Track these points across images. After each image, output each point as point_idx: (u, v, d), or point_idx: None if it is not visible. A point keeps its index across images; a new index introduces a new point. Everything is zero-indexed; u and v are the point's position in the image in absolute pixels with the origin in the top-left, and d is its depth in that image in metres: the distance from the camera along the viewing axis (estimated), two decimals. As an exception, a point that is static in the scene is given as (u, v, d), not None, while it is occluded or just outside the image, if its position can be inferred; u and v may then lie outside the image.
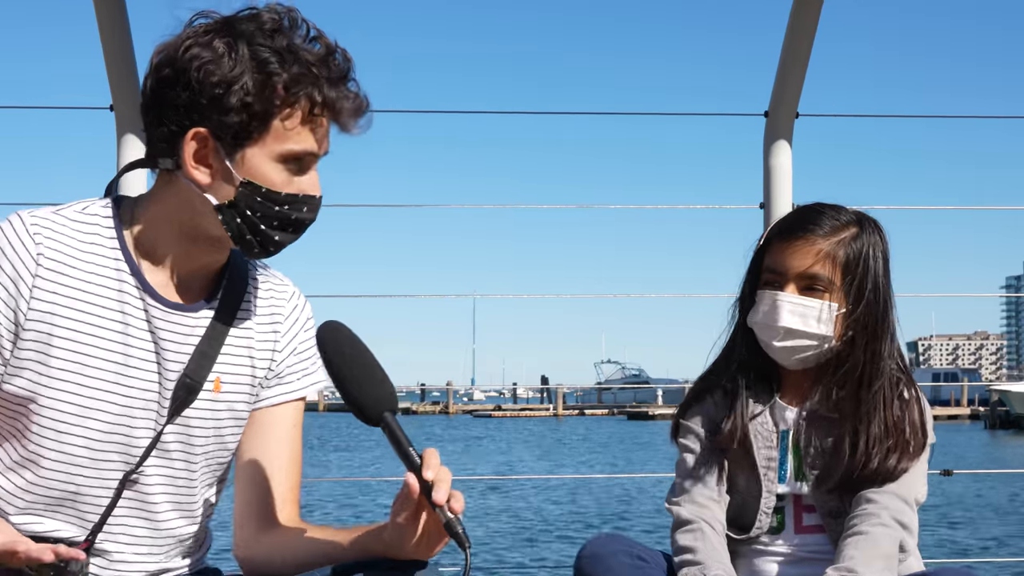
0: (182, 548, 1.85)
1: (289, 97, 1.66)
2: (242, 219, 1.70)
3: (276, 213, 1.70)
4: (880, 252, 2.13)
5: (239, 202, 1.69)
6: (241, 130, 1.66)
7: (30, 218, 1.70)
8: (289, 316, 1.89)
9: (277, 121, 1.67)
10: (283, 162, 1.69)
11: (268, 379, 1.87)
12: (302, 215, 1.72)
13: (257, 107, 1.65)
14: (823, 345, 2.11)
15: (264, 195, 1.69)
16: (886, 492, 2.05)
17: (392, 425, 1.64)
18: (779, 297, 2.11)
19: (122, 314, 1.72)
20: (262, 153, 1.68)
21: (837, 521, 2.09)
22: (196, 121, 1.66)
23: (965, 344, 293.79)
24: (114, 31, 2.67)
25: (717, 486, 2.14)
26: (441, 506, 1.59)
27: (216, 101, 1.64)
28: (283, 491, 1.86)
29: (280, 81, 1.65)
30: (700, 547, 2.06)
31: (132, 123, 2.70)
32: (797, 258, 2.11)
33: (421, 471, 1.60)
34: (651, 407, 73.72)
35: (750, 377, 2.16)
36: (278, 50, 1.66)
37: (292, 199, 1.70)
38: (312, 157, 1.72)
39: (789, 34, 2.79)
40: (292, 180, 1.70)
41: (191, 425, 1.78)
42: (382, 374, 1.67)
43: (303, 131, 1.68)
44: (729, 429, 2.13)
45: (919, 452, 2.10)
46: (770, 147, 2.90)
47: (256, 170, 1.68)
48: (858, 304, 2.10)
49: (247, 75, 1.64)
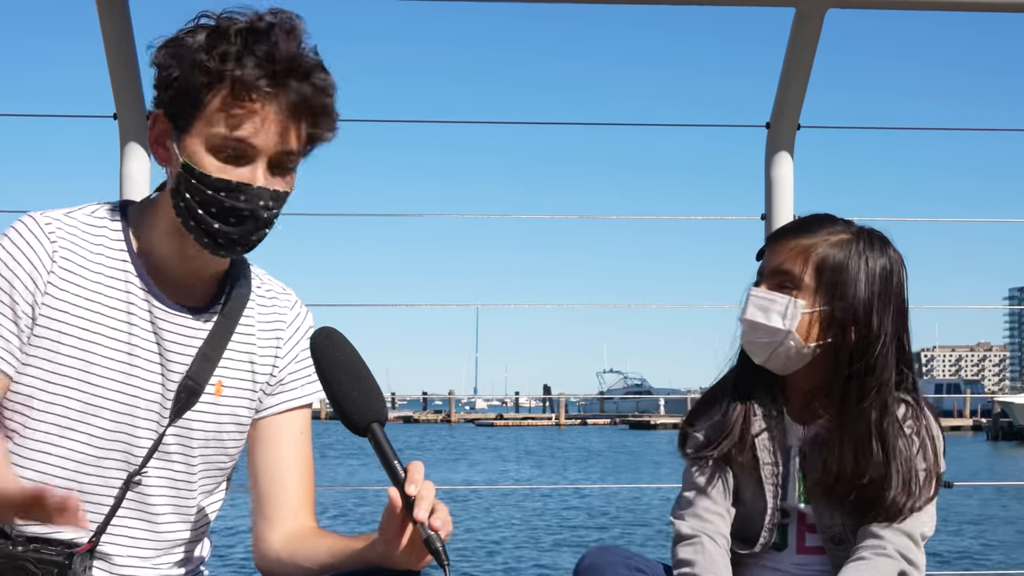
0: (180, 554, 1.85)
1: (216, 74, 1.65)
2: (184, 203, 1.70)
3: (211, 198, 1.68)
4: (877, 268, 2.06)
5: (180, 184, 1.70)
6: (178, 109, 1.68)
7: (43, 218, 1.73)
8: (291, 324, 1.91)
9: (208, 101, 1.66)
10: (214, 150, 1.68)
11: (271, 386, 1.88)
12: (238, 203, 1.68)
13: (186, 82, 1.66)
14: (784, 341, 2.06)
15: (197, 177, 1.68)
16: (892, 528, 2.02)
17: (379, 436, 1.62)
18: (749, 292, 2.10)
19: (128, 314, 1.74)
20: (199, 138, 1.68)
21: (839, 548, 2.07)
22: (156, 103, 1.72)
23: (968, 356, 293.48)
24: (118, 40, 2.67)
25: (723, 499, 2.12)
26: (421, 523, 1.56)
27: (161, 79, 1.69)
28: (296, 499, 1.87)
29: (213, 59, 1.64)
30: (699, 561, 2.05)
31: (135, 132, 2.72)
32: (774, 256, 2.11)
33: (404, 485, 1.58)
34: (653, 416, 73.73)
35: (759, 391, 2.14)
36: (228, 34, 1.66)
37: (224, 184, 1.68)
38: (248, 147, 1.68)
39: (791, 46, 2.79)
40: (226, 169, 1.68)
41: (192, 428, 1.79)
42: (372, 384, 1.65)
43: (231, 116, 1.65)
44: (736, 442, 2.11)
45: (928, 493, 2.04)
46: (771, 158, 2.90)
47: (193, 154, 1.69)
48: (836, 310, 2.04)
49: (191, 55, 1.66)
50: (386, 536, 1.63)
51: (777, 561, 2.13)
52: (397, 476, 1.59)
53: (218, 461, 1.85)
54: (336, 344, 1.67)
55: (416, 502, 1.56)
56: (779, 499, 2.11)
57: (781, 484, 2.11)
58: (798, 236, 2.10)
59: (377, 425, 1.62)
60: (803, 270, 2.06)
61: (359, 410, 1.63)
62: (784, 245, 2.10)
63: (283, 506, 1.86)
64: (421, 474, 1.59)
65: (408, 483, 1.58)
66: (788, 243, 2.10)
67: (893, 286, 2.08)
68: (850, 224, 2.13)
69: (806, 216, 2.19)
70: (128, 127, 2.73)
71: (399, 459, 1.61)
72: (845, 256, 2.06)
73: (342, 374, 1.64)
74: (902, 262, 2.11)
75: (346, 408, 1.63)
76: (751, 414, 2.13)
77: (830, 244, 2.07)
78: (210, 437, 1.82)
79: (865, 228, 2.12)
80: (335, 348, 1.67)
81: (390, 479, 1.60)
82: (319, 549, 1.80)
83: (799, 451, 2.12)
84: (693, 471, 2.17)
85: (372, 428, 1.62)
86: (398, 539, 1.62)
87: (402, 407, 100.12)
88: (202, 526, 1.88)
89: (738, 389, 2.15)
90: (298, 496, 1.87)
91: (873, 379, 2.05)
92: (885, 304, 2.06)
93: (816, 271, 2.06)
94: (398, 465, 1.60)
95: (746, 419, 2.12)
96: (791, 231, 2.13)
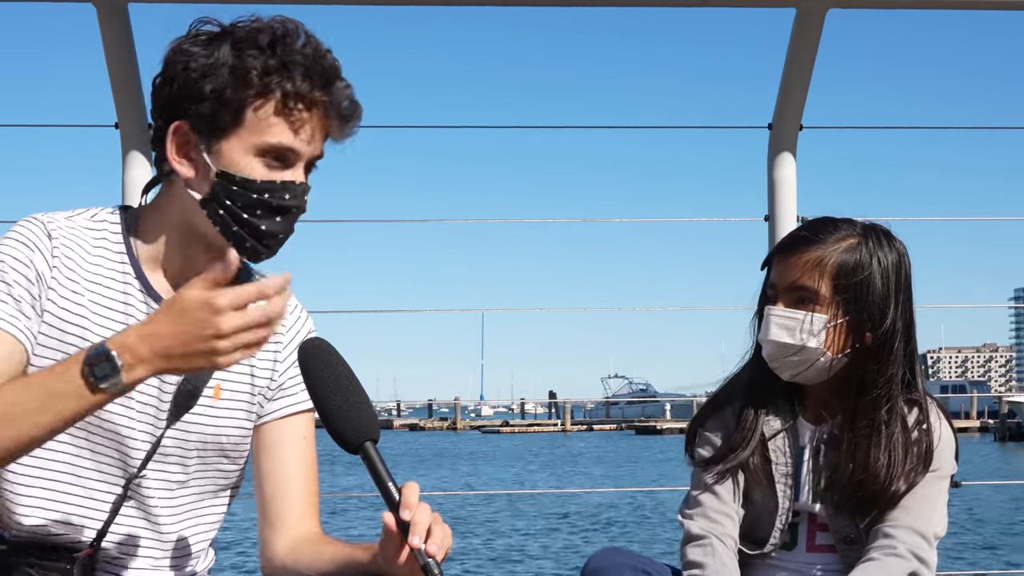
0: (183, 560, 1.85)
1: (262, 86, 1.66)
2: (224, 210, 1.70)
3: (256, 201, 1.69)
4: (889, 264, 2.08)
5: (218, 193, 1.70)
6: (216, 120, 1.68)
7: (45, 218, 1.75)
8: (291, 328, 1.91)
9: (251, 112, 1.67)
10: (260, 155, 1.69)
11: (271, 390, 1.88)
12: (284, 201, 1.71)
13: (229, 94, 1.66)
14: (817, 359, 2.07)
15: (239, 184, 1.69)
16: (903, 527, 2.02)
17: (372, 457, 1.55)
18: (768, 311, 2.09)
19: (125, 315, 1.74)
20: (239, 146, 1.69)
21: (851, 548, 2.07)
22: (177, 115, 1.70)
23: (974, 356, 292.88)
24: (119, 49, 2.68)
25: (732, 500, 2.11)
26: (417, 549, 1.51)
27: (192, 91, 1.68)
28: (300, 504, 1.87)
29: (254, 70, 1.66)
30: (709, 563, 2.04)
31: (137, 140, 2.72)
32: (787, 271, 2.09)
33: (399, 509, 1.53)
34: (659, 421, 73.57)
35: (775, 395, 2.13)
36: (259, 44, 1.67)
37: (270, 186, 1.70)
38: (292, 153, 1.70)
39: (792, 46, 2.79)
40: (271, 173, 1.70)
41: (189, 431, 1.79)
42: (364, 399, 1.59)
43: (279, 123, 1.68)
44: (747, 443, 2.10)
45: (922, 473, 2.05)
46: (774, 159, 2.90)
47: (233, 162, 1.69)
48: (855, 316, 2.06)
49: (224, 67, 1.67)
50: (386, 555, 1.61)
51: (786, 560, 2.12)
52: (392, 499, 1.54)
53: (218, 465, 1.85)
54: (324, 357, 1.61)
55: (411, 528, 1.51)
56: (791, 499, 2.11)
57: (793, 484, 2.11)
58: (809, 248, 2.08)
59: (370, 444, 1.56)
60: (820, 283, 2.06)
61: (350, 427, 1.56)
62: (797, 259, 2.09)
63: (287, 511, 1.86)
64: (416, 497, 1.54)
65: (402, 508, 1.53)
66: (800, 257, 2.08)
67: (903, 279, 2.10)
68: (854, 224, 2.13)
69: (809, 223, 2.18)
70: (129, 136, 2.73)
71: (393, 480, 1.56)
72: (858, 261, 2.06)
73: (330, 389, 1.58)
74: (906, 251, 2.12)
75: (336, 424, 1.56)
76: (765, 418, 2.12)
77: (842, 251, 2.07)
78: (208, 441, 1.82)
79: (869, 225, 2.13)
80: (322, 362, 1.60)
81: (384, 501, 1.55)
82: (322, 556, 1.79)
83: (812, 451, 2.12)
84: (702, 470, 2.15)
85: (365, 447, 1.55)
86: (397, 558, 1.59)
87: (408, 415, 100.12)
88: (204, 532, 1.87)
89: (753, 393, 2.14)
90: (302, 501, 1.87)
91: (883, 376, 2.06)
92: (897, 299, 2.08)
93: (833, 282, 2.06)
94: (392, 487, 1.54)
95: (760, 421, 2.12)
96: (800, 243, 2.11)
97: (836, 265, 2.06)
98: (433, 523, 1.54)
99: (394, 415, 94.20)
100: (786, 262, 2.10)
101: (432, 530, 1.53)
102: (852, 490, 2.05)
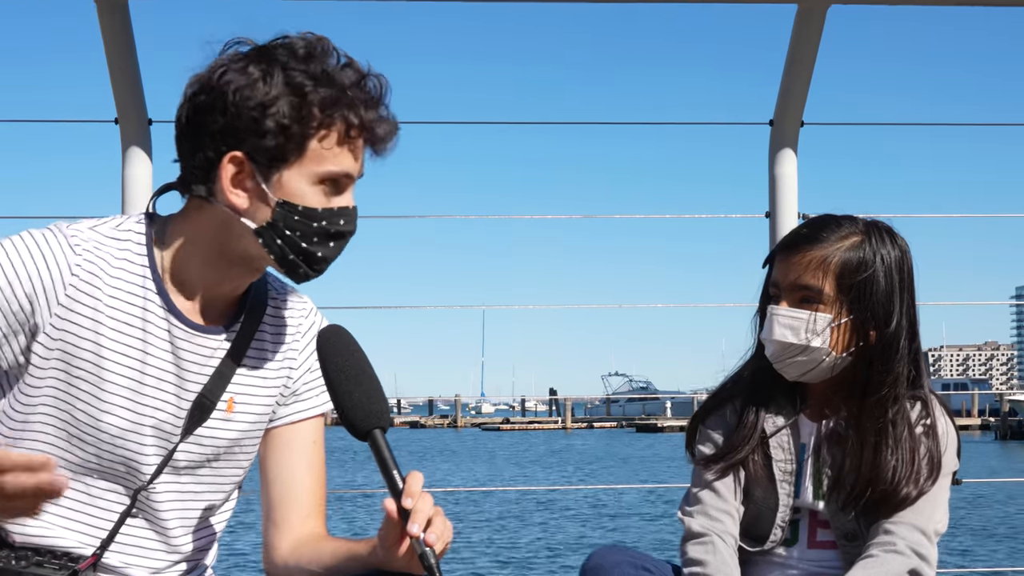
0: (189, 563, 1.85)
1: (325, 119, 1.68)
2: (282, 239, 1.71)
3: (315, 229, 1.71)
4: (893, 262, 2.07)
5: (277, 222, 1.70)
6: (278, 152, 1.68)
7: (70, 230, 1.73)
8: (307, 333, 1.91)
9: (314, 143, 1.69)
10: (320, 183, 1.71)
11: (285, 397, 1.89)
12: (341, 228, 1.73)
13: (294, 129, 1.67)
14: (822, 358, 2.07)
15: (301, 213, 1.70)
16: (903, 523, 2.02)
17: (380, 443, 1.59)
18: (772, 311, 2.09)
19: (143, 331, 1.74)
20: (300, 175, 1.70)
21: (852, 544, 2.07)
22: (233, 145, 1.68)
23: (976, 355, 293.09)
24: (119, 44, 2.68)
25: (732, 498, 2.11)
26: (416, 537, 1.54)
27: (253, 124, 1.66)
28: (306, 507, 1.87)
29: (316, 103, 1.67)
30: (710, 560, 2.04)
31: (137, 136, 2.72)
32: (790, 270, 2.09)
33: (401, 496, 1.56)
34: (660, 419, 73.70)
35: (777, 392, 2.13)
36: (313, 74, 1.68)
37: (329, 213, 1.72)
38: (348, 179, 1.73)
39: (793, 43, 2.79)
40: (329, 201, 1.72)
41: (203, 444, 1.80)
42: (376, 387, 1.62)
43: (340, 152, 1.70)
44: (748, 440, 2.10)
45: (931, 481, 2.04)
46: (775, 156, 2.90)
47: (294, 191, 1.70)
48: (860, 315, 2.06)
49: (283, 98, 1.67)
50: (385, 544, 1.62)
51: (787, 556, 2.12)
52: (395, 486, 1.56)
53: (229, 474, 1.86)
54: (342, 344, 1.66)
55: (411, 516, 1.54)
56: (792, 497, 2.10)
57: (794, 482, 2.11)
58: (812, 247, 2.08)
59: (379, 431, 1.59)
60: (824, 282, 2.06)
61: (361, 414, 1.60)
62: (800, 258, 2.08)
63: (293, 514, 1.87)
64: (419, 486, 1.56)
65: (405, 496, 1.55)
66: (803, 256, 2.08)
67: (906, 276, 2.10)
68: (856, 221, 2.12)
69: (812, 221, 2.17)
70: (129, 131, 2.74)
71: (399, 468, 1.58)
72: (862, 259, 2.06)
73: (346, 376, 1.62)
74: (908, 248, 2.12)
75: (347, 410, 1.60)
76: (766, 415, 2.12)
77: (845, 250, 2.06)
78: (221, 452, 1.82)
79: (871, 223, 2.12)
80: (340, 349, 1.65)
81: (388, 489, 1.57)
82: (323, 552, 1.80)
83: (813, 448, 2.12)
84: (703, 467, 2.15)
85: (373, 434, 1.59)
86: (397, 547, 1.61)
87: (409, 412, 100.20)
88: (212, 535, 1.88)
89: (754, 391, 2.14)
90: (308, 504, 1.87)
91: (888, 373, 2.06)
92: (901, 296, 2.08)
93: (837, 281, 2.06)
94: (397, 475, 1.57)
95: (761, 419, 2.12)
96: (803, 242, 2.10)
97: (840, 263, 2.06)
98: (435, 515, 1.56)
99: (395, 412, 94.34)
100: (789, 261, 2.10)
101: (433, 521, 1.56)
102: (860, 491, 2.04)
